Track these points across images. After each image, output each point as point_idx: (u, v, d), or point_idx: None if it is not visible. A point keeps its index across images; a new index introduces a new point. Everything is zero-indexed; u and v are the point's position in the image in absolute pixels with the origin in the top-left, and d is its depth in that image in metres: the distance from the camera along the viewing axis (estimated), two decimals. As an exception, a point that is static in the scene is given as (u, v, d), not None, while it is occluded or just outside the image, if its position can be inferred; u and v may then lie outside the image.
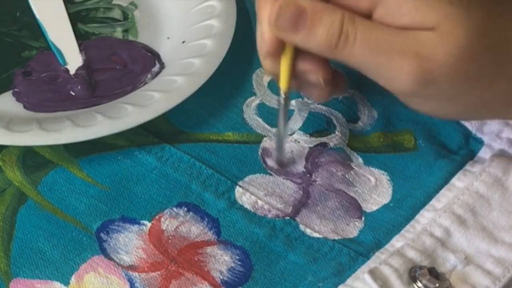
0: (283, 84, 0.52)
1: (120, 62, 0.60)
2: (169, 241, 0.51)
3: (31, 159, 0.54)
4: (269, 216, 0.53)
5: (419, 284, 0.48)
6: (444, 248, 0.50)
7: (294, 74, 0.52)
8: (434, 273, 0.48)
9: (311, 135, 0.57)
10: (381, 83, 0.50)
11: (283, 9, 0.49)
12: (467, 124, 0.58)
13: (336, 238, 0.52)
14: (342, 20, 0.48)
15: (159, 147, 0.55)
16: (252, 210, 0.53)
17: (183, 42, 0.61)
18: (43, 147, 0.55)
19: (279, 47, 0.50)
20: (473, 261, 0.50)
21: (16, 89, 0.58)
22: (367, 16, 0.49)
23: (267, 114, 0.58)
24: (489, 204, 0.52)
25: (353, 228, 0.53)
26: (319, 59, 0.51)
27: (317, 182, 0.55)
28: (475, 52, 0.47)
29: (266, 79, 0.60)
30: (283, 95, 0.52)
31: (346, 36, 0.48)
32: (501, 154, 0.55)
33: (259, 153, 0.56)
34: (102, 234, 0.51)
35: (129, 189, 0.53)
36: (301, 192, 0.54)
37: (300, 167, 0.55)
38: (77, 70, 0.59)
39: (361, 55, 0.48)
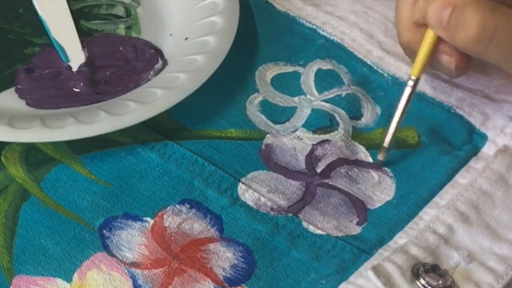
0: (415, 71, 0.53)
1: (123, 59, 0.60)
2: (172, 238, 0.51)
3: (34, 156, 0.54)
4: (272, 213, 0.53)
5: (422, 281, 0.48)
6: (447, 245, 0.50)
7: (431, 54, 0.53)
8: (437, 270, 0.48)
9: (314, 132, 0.57)
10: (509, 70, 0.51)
11: (430, 6, 0.50)
12: (471, 119, 0.58)
13: (339, 235, 0.52)
14: (476, 12, 0.48)
15: (162, 144, 0.55)
16: (255, 207, 0.53)
17: (186, 39, 0.60)
18: (45, 144, 0.55)
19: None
20: (476, 259, 0.50)
21: (18, 86, 0.58)
22: None
23: (270, 110, 0.58)
24: (492, 201, 0.52)
25: (356, 225, 0.53)
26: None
27: (320, 179, 0.55)
28: None
29: (269, 75, 0.60)
30: (412, 80, 0.53)
31: (482, 28, 0.48)
32: (505, 150, 0.55)
33: (262, 150, 0.56)
34: (104, 231, 0.51)
35: (131, 186, 0.53)
36: (304, 189, 0.54)
37: (302, 164, 0.55)
38: (79, 67, 0.59)
39: (500, 49, 0.49)
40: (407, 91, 0.54)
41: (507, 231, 0.51)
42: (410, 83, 0.54)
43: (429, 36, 0.53)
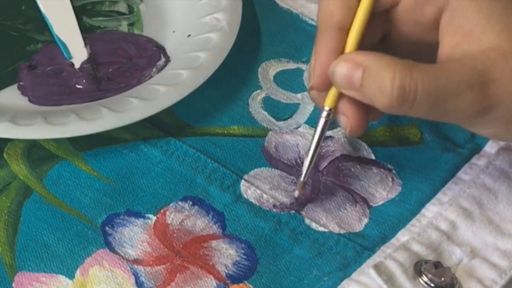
0: (328, 102, 0.50)
1: (126, 55, 0.60)
2: (174, 235, 0.51)
3: (36, 152, 0.55)
4: (274, 210, 0.53)
5: (425, 279, 0.48)
6: (450, 241, 0.50)
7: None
8: (439, 267, 0.48)
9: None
10: (441, 120, 0.49)
11: (337, 66, 0.48)
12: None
13: (341, 232, 0.52)
14: (393, 76, 0.45)
15: (165, 141, 0.55)
16: (258, 204, 0.53)
17: (189, 35, 0.60)
18: (48, 140, 0.55)
19: (327, 84, 0.49)
20: (479, 254, 0.50)
21: (21, 83, 0.58)
22: (434, 21, 0.48)
23: (273, 107, 0.58)
24: (495, 196, 0.52)
25: (358, 222, 0.52)
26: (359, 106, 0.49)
27: (323, 176, 0.55)
28: None
29: (272, 72, 0.60)
30: (325, 111, 0.50)
31: (402, 92, 0.45)
32: (507, 148, 0.55)
33: (264, 147, 0.56)
34: (107, 228, 0.51)
35: (134, 182, 0.53)
36: (306, 186, 0.54)
37: (305, 161, 0.55)
38: (82, 63, 0.59)
39: (425, 107, 0.46)
40: (322, 122, 0.50)
41: (510, 226, 0.51)
42: (324, 113, 0.50)
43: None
